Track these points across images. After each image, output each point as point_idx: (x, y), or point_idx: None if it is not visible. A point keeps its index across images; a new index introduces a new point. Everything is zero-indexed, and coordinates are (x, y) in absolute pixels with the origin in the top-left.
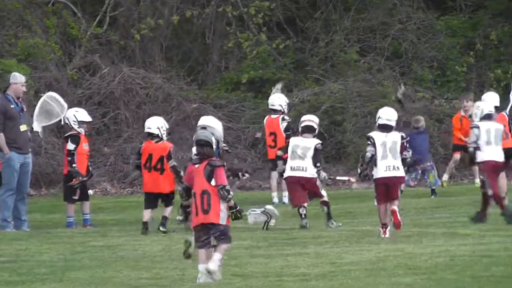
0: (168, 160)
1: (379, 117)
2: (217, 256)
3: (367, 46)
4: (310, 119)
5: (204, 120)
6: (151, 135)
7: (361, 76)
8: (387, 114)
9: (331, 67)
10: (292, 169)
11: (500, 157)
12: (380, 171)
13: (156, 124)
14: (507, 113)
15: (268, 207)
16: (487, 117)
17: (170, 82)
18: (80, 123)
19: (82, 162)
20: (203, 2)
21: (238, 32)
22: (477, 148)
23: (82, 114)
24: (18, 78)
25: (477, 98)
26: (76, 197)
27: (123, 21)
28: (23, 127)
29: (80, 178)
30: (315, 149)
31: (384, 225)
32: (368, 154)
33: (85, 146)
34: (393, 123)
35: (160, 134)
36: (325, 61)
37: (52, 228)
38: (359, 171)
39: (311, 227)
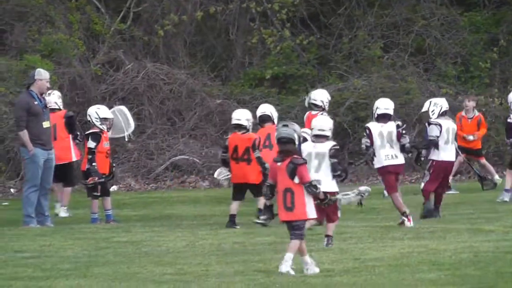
0: (254, 151)
1: (377, 108)
2: (288, 256)
3: (390, 42)
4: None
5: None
6: (239, 127)
7: (384, 72)
8: (385, 104)
9: (354, 63)
10: None
11: (452, 156)
12: (381, 161)
13: (245, 116)
14: None
15: (362, 188)
16: (444, 114)
17: (194, 78)
18: (102, 120)
19: (102, 161)
20: None
21: (261, 28)
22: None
23: (104, 111)
24: (42, 74)
25: (502, 94)
26: (98, 193)
27: (147, 16)
28: (46, 124)
29: (97, 178)
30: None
31: (404, 213)
32: (363, 146)
33: (105, 144)
34: (391, 112)
35: (247, 126)
36: (349, 57)
37: (76, 224)
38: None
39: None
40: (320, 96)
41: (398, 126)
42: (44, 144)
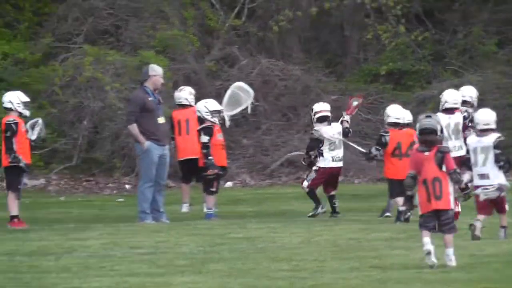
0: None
1: (445, 101)
2: (450, 251)
3: (505, 38)
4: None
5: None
6: (397, 125)
7: (499, 68)
8: (453, 97)
9: (469, 59)
10: None
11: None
12: None
13: (403, 114)
14: None
15: (503, 182)
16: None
17: (309, 74)
18: (213, 112)
19: (218, 153)
20: None
21: (376, 23)
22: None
23: (213, 104)
24: (156, 70)
25: None
26: (213, 189)
27: (261, 12)
28: (161, 119)
29: (216, 170)
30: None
31: None
32: None
33: (219, 136)
34: (459, 105)
35: (405, 122)
36: (464, 53)
37: (192, 220)
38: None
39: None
40: (470, 92)
41: (464, 118)
42: (159, 140)
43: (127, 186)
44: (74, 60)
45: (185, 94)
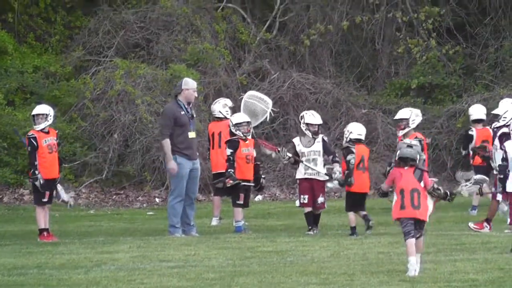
0: None
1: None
2: (419, 257)
3: None
4: None
5: None
6: (359, 141)
7: None
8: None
9: (500, 72)
10: None
11: None
12: None
13: (364, 130)
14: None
15: (476, 176)
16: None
17: (340, 88)
18: (236, 125)
19: (243, 167)
20: (372, 8)
21: (407, 37)
22: None
23: (237, 117)
24: (190, 84)
25: None
26: (240, 202)
27: (293, 26)
28: (192, 134)
29: (232, 181)
30: None
31: None
32: None
33: (244, 150)
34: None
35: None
36: (495, 67)
37: (221, 233)
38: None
39: (480, 233)
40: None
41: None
42: (189, 155)
43: (157, 200)
44: (105, 73)
45: (218, 107)
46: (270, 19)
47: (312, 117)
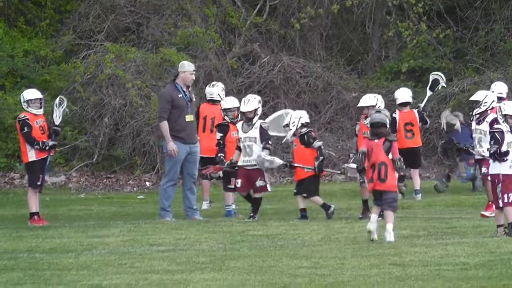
0: None
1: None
2: (390, 226)
3: None
4: None
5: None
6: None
7: None
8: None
9: (491, 56)
10: None
11: None
12: None
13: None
14: (420, 109)
15: (346, 165)
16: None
17: (330, 71)
18: (225, 111)
19: (232, 151)
20: None
21: (398, 21)
22: None
23: (227, 102)
24: (186, 67)
25: None
26: (231, 186)
27: (283, 10)
28: (189, 117)
29: (212, 169)
30: None
31: None
32: None
33: (234, 134)
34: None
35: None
36: (485, 51)
37: (212, 217)
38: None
39: (471, 216)
40: (503, 88)
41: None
42: (186, 138)
43: (147, 183)
44: (95, 57)
45: (217, 90)
46: (260, 2)
47: (243, 104)
